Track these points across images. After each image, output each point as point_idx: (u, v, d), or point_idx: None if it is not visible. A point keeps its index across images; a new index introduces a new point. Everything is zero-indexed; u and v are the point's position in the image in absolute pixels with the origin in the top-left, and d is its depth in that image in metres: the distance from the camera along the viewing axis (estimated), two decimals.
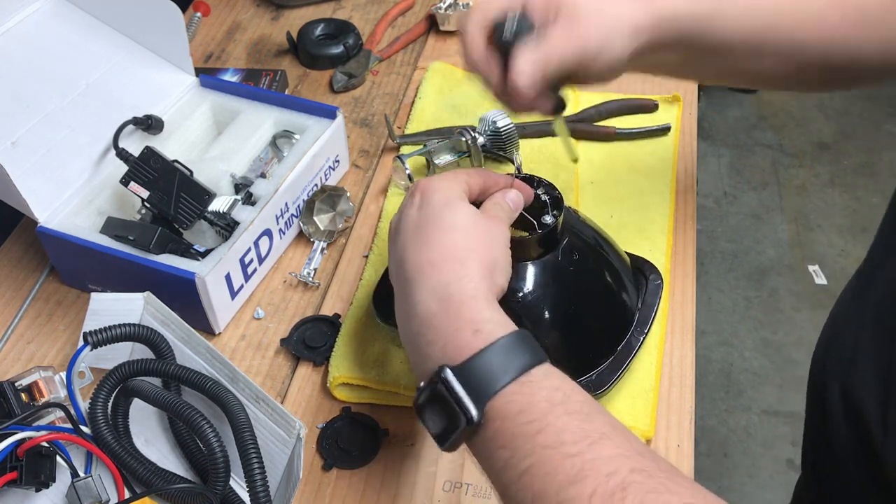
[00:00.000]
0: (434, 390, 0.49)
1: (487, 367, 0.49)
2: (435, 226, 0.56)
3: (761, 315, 2.08)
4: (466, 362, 0.49)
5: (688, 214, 0.85)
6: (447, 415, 0.49)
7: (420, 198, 0.58)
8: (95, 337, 0.62)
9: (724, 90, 2.72)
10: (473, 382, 0.48)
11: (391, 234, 0.61)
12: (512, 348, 0.50)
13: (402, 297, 0.56)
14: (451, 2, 1.08)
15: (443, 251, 0.55)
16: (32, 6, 0.87)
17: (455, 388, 0.48)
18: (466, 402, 0.48)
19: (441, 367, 0.49)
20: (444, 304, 0.52)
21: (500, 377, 0.48)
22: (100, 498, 0.59)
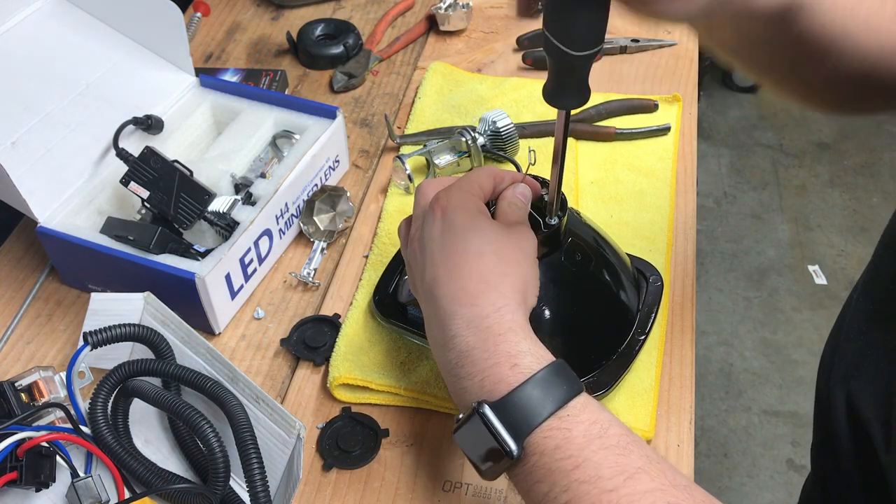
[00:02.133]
0: (473, 424, 0.50)
1: (525, 403, 0.50)
2: (465, 251, 0.56)
3: (761, 315, 2.08)
4: (505, 398, 0.50)
5: (688, 214, 0.85)
6: (489, 449, 0.50)
7: (441, 217, 0.58)
8: (95, 337, 0.62)
9: (725, 90, 2.72)
10: (512, 418, 0.49)
11: (412, 250, 0.61)
12: (549, 381, 0.50)
13: (436, 325, 0.56)
14: (451, 2, 1.08)
15: (477, 279, 0.55)
16: (32, 6, 0.87)
17: (494, 425, 0.49)
18: (506, 437, 0.49)
19: (480, 403, 0.50)
20: (482, 338, 0.53)
21: (538, 412, 0.49)
22: (100, 498, 0.59)
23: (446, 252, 0.56)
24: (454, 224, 0.57)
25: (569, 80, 0.54)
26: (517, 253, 0.57)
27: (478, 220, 0.57)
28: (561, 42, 0.50)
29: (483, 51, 1.07)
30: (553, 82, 0.54)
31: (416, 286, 0.61)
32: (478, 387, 0.52)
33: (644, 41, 1.05)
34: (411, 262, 0.61)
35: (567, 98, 0.55)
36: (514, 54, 1.06)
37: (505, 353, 0.52)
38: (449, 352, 0.54)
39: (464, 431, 0.51)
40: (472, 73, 1.03)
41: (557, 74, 0.54)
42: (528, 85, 0.98)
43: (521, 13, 0.60)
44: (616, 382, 0.67)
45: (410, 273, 0.62)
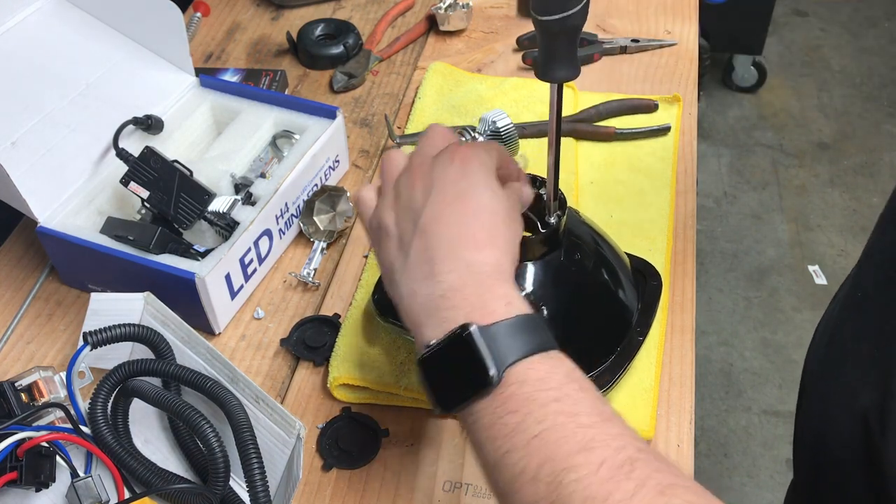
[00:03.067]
0: (450, 346, 0.49)
1: (515, 334, 0.49)
2: (480, 205, 0.55)
3: (761, 315, 2.08)
4: (494, 324, 0.49)
5: (688, 214, 0.85)
6: (460, 374, 0.48)
7: (461, 165, 0.56)
8: (95, 337, 0.62)
9: (725, 90, 2.72)
10: (498, 344, 0.48)
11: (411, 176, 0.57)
12: (537, 326, 0.50)
13: (423, 258, 0.54)
14: (451, 2, 1.08)
15: (487, 233, 0.54)
16: (32, 6, 0.87)
17: (478, 346, 0.48)
18: (487, 361, 0.47)
19: (465, 324, 0.49)
20: (479, 280, 0.52)
21: (526, 345, 0.48)
22: (100, 498, 0.59)
23: (458, 199, 0.55)
24: (473, 177, 0.56)
25: (554, 51, 0.54)
26: (517, 225, 0.57)
27: (496, 185, 0.57)
28: (533, 9, 0.52)
29: (483, 51, 1.07)
30: (541, 56, 0.55)
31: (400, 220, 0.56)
32: (463, 317, 0.50)
33: (644, 41, 1.05)
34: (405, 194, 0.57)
35: (557, 70, 0.55)
36: (514, 54, 1.06)
37: (502, 294, 0.51)
38: (436, 285, 0.52)
39: (436, 354, 0.49)
40: (472, 73, 1.03)
41: (544, 47, 0.55)
42: (528, 85, 0.98)
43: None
44: (615, 381, 0.67)
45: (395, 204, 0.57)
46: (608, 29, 1.09)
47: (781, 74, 2.78)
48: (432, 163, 0.57)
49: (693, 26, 1.08)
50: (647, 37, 1.06)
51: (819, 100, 2.69)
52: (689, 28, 1.08)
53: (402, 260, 0.55)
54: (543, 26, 0.53)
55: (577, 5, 0.52)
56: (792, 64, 2.83)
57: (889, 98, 2.68)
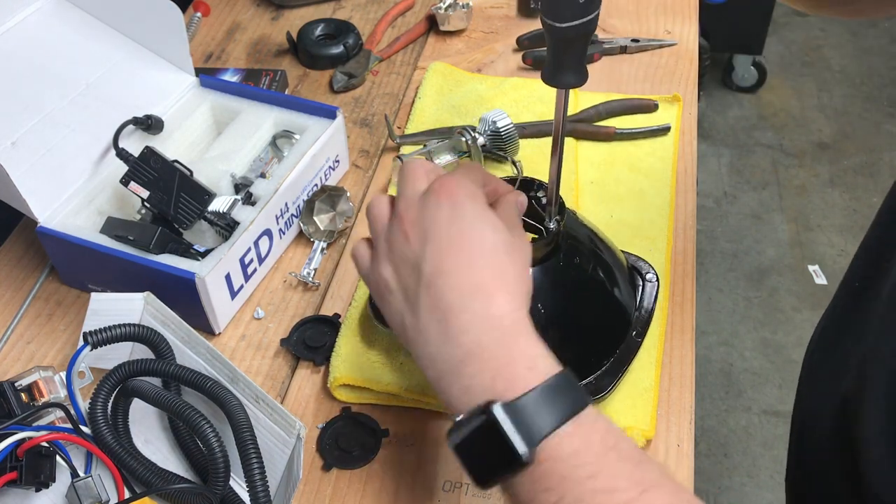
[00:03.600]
0: (478, 426, 0.47)
1: (541, 406, 0.46)
2: (480, 245, 0.53)
3: (761, 315, 2.08)
4: (519, 399, 0.47)
5: (688, 214, 0.85)
6: (491, 453, 0.46)
7: (450, 204, 0.54)
8: (95, 337, 0.62)
9: (724, 90, 2.72)
10: (526, 421, 0.46)
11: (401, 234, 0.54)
12: (564, 388, 0.48)
13: (434, 319, 0.52)
14: (451, 2, 1.08)
15: (492, 276, 0.52)
16: (32, 6, 0.87)
17: (504, 426, 0.46)
18: (517, 441, 0.45)
19: (489, 402, 0.46)
20: (497, 336, 0.50)
21: (554, 417, 0.46)
22: (100, 498, 0.59)
23: (455, 243, 0.52)
24: (466, 214, 0.53)
25: (564, 58, 0.54)
26: (523, 255, 0.55)
27: (490, 216, 0.54)
28: (546, 15, 0.51)
29: (483, 51, 1.07)
30: (550, 61, 0.55)
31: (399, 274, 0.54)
32: (487, 386, 0.48)
33: (644, 41, 1.05)
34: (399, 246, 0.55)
35: (564, 77, 0.55)
36: (514, 54, 1.06)
37: (522, 353, 0.49)
38: (454, 348, 0.50)
39: (464, 434, 0.47)
40: (472, 73, 1.03)
41: (553, 53, 0.54)
42: (528, 85, 0.98)
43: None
44: (615, 383, 0.67)
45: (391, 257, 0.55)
46: (608, 29, 1.09)
47: (781, 74, 2.78)
48: (420, 206, 0.55)
49: (693, 26, 1.08)
50: (647, 37, 1.06)
51: (819, 100, 2.69)
52: (689, 28, 1.08)
53: (413, 318, 0.53)
54: (557, 33, 0.52)
55: (593, 12, 0.51)
56: (792, 64, 2.83)
57: (889, 98, 2.68)
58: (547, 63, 0.55)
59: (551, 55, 0.54)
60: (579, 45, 0.53)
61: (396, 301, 0.54)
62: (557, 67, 0.54)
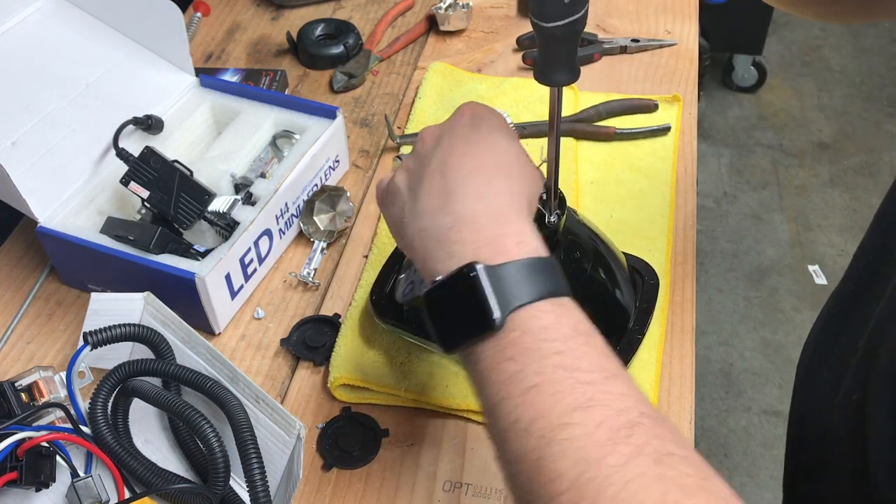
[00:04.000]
0: (455, 284, 0.47)
1: (523, 277, 0.46)
2: (494, 143, 0.53)
3: (761, 315, 2.08)
4: (503, 265, 0.46)
5: (688, 214, 0.85)
6: (464, 314, 0.46)
7: (471, 116, 0.55)
8: (95, 337, 0.62)
9: (724, 90, 2.72)
10: (504, 287, 0.45)
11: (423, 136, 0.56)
12: (549, 270, 0.47)
13: (435, 191, 0.52)
14: (451, 2, 1.08)
15: (499, 166, 0.52)
16: (32, 6, 0.87)
17: (484, 287, 0.45)
18: (492, 304, 0.45)
19: (472, 263, 0.46)
20: (492, 210, 0.49)
21: (533, 290, 0.46)
22: (100, 498, 0.59)
23: (471, 138, 0.53)
24: (482, 122, 0.54)
25: (554, 56, 0.54)
26: (534, 171, 0.55)
27: (509, 131, 0.55)
28: (533, 14, 0.52)
29: (483, 51, 1.07)
30: (541, 60, 0.55)
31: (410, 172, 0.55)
32: (471, 253, 0.47)
33: (644, 41, 1.05)
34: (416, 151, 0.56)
35: (556, 75, 0.55)
36: (514, 54, 1.06)
37: (515, 230, 0.49)
38: (446, 216, 0.50)
39: (441, 291, 0.47)
40: (472, 73, 1.03)
41: (543, 51, 0.55)
42: (528, 85, 0.98)
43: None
44: None
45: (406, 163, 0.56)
46: (608, 29, 1.09)
47: (781, 74, 2.78)
48: (442, 123, 0.56)
49: (693, 26, 1.08)
50: (647, 37, 1.06)
51: (819, 100, 2.69)
52: (689, 28, 1.08)
53: (412, 203, 0.53)
54: (545, 32, 0.53)
55: (579, 11, 0.52)
56: (792, 64, 2.83)
57: (889, 98, 2.68)
58: (539, 62, 0.56)
59: (542, 54, 0.55)
60: (568, 43, 0.54)
61: (401, 197, 0.55)
62: (548, 66, 0.55)
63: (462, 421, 0.69)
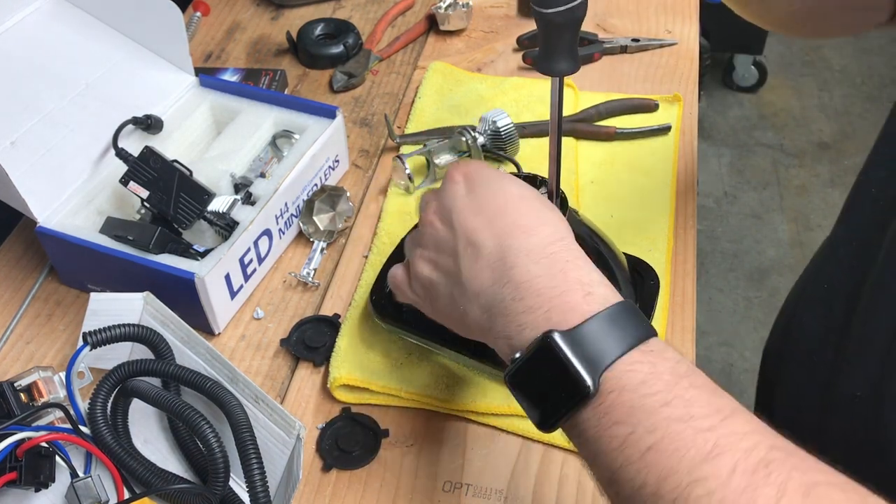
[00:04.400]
0: (536, 360, 0.44)
1: (603, 334, 0.43)
2: (506, 195, 0.51)
3: (762, 315, 2.08)
4: (578, 327, 0.44)
5: (688, 214, 0.85)
6: (553, 388, 0.44)
7: (465, 180, 0.53)
8: (95, 337, 0.62)
9: (725, 90, 2.72)
10: (588, 349, 0.43)
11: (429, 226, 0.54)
12: (628, 315, 0.45)
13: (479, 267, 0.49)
14: (451, 1, 1.08)
15: (528, 215, 0.50)
16: (32, 6, 0.87)
17: (567, 355, 0.43)
18: (580, 370, 0.42)
19: (548, 333, 0.44)
20: (547, 265, 0.47)
21: (618, 344, 0.43)
22: (99, 498, 0.59)
23: (482, 202, 0.51)
24: (482, 178, 0.52)
25: (555, 45, 0.54)
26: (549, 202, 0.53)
27: (508, 175, 0.54)
28: (534, 2, 0.52)
29: (483, 50, 1.07)
30: (542, 49, 0.55)
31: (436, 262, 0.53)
32: (543, 319, 0.45)
33: (644, 41, 1.05)
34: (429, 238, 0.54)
35: (557, 63, 0.55)
36: (514, 54, 1.06)
37: (576, 280, 0.46)
38: (502, 287, 0.47)
39: (522, 369, 0.45)
40: (472, 72, 1.03)
41: (544, 40, 0.55)
42: (528, 85, 0.98)
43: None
44: None
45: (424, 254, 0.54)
46: (608, 28, 1.09)
47: (782, 74, 2.78)
48: (438, 196, 0.54)
49: (693, 26, 1.08)
50: (648, 36, 1.06)
51: (819, 99, 2.69)
52: (689, 27, 1.08)
53: (460, 288, 0.51)
54: (546, 19, 0.52)
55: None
56: (792, 64, 2.83)
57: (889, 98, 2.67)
58: (540, 52, 0.56)
59: (542, 43, 0.55)
60: (568, 31, 0.54)
61: (442, 288, 0.53)
62: (549, 55, 0.55)
63: (462, 421, 0.69)
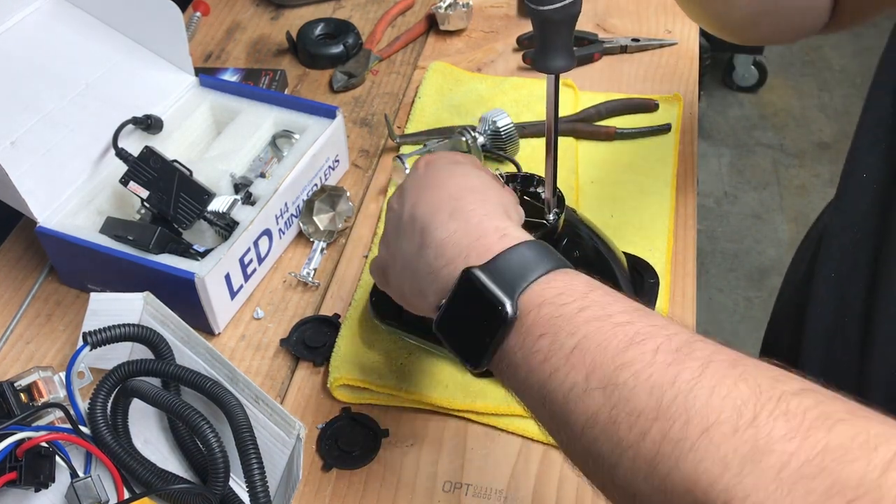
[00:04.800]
0: (457, 297, 0.46)
1: (518, 262, 0.45)
2: (450, 174, 0.53)
3: (762, 315, 2.08)
4: (494, 259, 0.45)
5: (688, 214, 0.85)
6: (476, 322, 0.45)
7: (425, 164, 0.56)
8: (95, 337, 0.62)
9: (725, 90, 2.72)
10: (504, 276, 0.44)
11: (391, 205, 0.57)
12: (542, 250, 0.46)
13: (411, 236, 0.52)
14: (451, 1, 1.08)
15: (462, 189, 0.52)
16: (32, 6, 0.87)
17: (484, 283, 0.44)
18: (498, 293, 0.44)
19: (466, 269, 0.46)
20: (464, 222, 0.49)
21: (533, 269, 0.45)
22: (99, 498, 0.59)
23: (430, 178, 0.53)
24: (440, 162, 0.55)
25: (551, 42, 0.54)
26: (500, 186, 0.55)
27: (461, 159, 0.56)
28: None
29: (483, 50, 1.07)
30: (538, 47, 0.55)
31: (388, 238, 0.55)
32: (462, 264, 0.47)
33: (644, 41, 1.05)
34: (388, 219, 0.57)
35: (554, 61, 0.55)
36: (514, 54, 1.06)
37: (493, 227, 0.48)
38: (426, 249, 0.49)
39: (447, 313, 0.46)
40: (472, 72, 1.03)
41: (539, 37, 0.55)
42: (528, 85, 0.98)
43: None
44: None
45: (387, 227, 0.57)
46: (608, 28, 1.09)
47: (782, 74, 2.78)
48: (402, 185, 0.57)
49: (694, 26, 1.08)
50: (648, 36, 1.06)
51: (819, 99, 2.69)
52: (689, 27, 1.08)
53: (396, 262, 0.53)
54: (541, 16, 0.53)
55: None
56: (792, 63, 2.83)
57: None
58: (536, 49, 0.56)
59: (538, 40, 0.55)
60: (564, 28, 0.54)
61: (391, 267, 0.55)
62: (545, 52, 0.55)
63: (462, 421, 0.69)
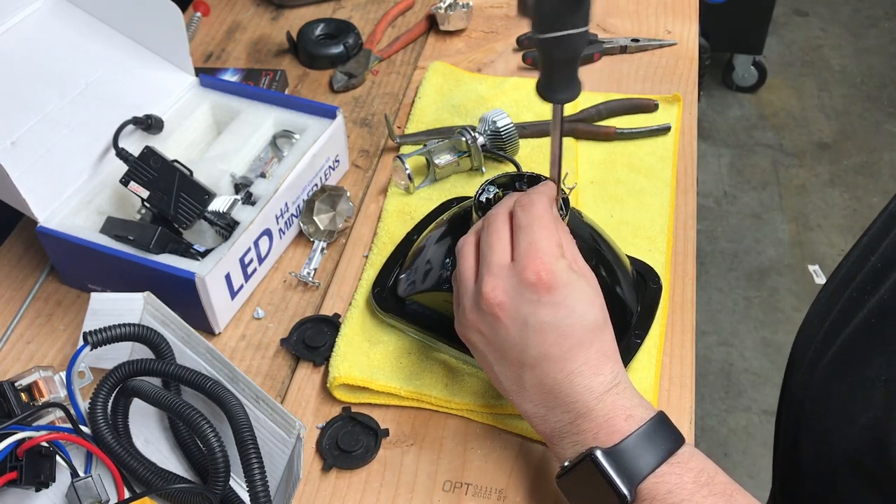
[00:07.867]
0: (584, 471, 0.53)
1: (638, 450, 0.53)
2: (579, 329, 0.57)
3: (761, 315, 2.08)
4: (618, 445, 0.53)
5: (688, 214, 0.85)
6: (596, 494, 0.53)
7: (548, 297, 0.56)
8: (95, 337, 0.62)
9: (724, 90, 2.72)
10: (625, 465, 0.52)
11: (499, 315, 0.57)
12: (658, 430, 0.54)
13: (542, 388, 0.57)
14: (451, 1, 1.08)
15: (595, 353, 0.57)
16: (32, 6, 0.87)
17: (607, 471, 0.52)
18: (619, 483, 0.52)
19: (591, 449, 0.53)
20: (601, 400, 0.55)
21: (650, 459, 0.53)
22: (99, 498, 0.59)
23: (558, 331, 0.56)
24: (564, 302, 0.56)
25: (555, 72, 0.55)
26: (602, 306, 0.59)
27: (581, 289, 0.57)
28: (534, 29, 0.52)
29: (483, 51, 1.07)
30: (542, 75, 0.56)
31: (494, 347, 0.59)
32: (591, 439, 0.54)
33: (644, 41, 1.05)
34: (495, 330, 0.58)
35: (558, 93, 0.55)
36: (514, 54, 1.06)
37: (621, 407, 0.55)
38: (564, 413, 0.56)
39: (572, 477, 0.54)
40: (472, 72, 1.03)
41: (543, 66, 0.55)
42: (528, 85, 0.98)
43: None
44: None
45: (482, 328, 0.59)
46: (608, 28, 1.09)
47: (782, 74, 2.78)
48: (514, 293, 0.57)
49: (693, 26, 1.08)
50: (648, 36, 1.06)
51: (819, 100, 2.69)
52: (689, 28, 1.08)
53: (518, 387, 0.58)
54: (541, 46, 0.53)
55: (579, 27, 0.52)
56: (792, 64, 2.83)
57: (889, 98, 2.68)
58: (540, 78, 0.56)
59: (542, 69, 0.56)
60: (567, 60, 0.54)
61: (491, 362, 0.60)
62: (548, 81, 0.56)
63: (462, 421, 0.69)
